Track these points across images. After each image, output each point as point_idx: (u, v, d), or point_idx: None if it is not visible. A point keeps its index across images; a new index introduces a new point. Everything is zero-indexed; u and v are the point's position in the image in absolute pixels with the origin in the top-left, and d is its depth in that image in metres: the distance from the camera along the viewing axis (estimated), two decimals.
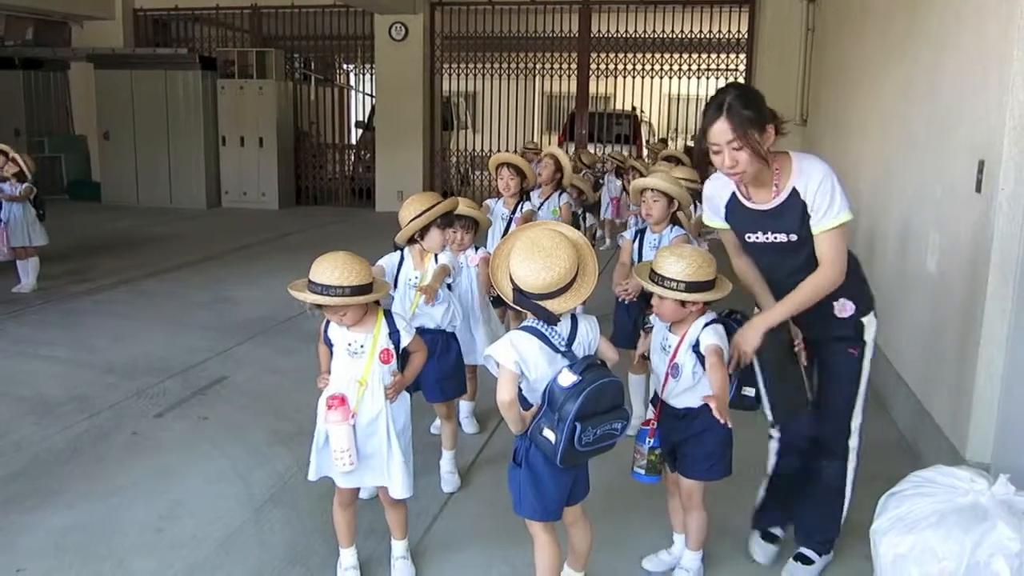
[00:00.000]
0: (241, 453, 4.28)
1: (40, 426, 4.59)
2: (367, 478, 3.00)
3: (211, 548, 3.40)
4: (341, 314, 2.84)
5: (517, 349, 2.55)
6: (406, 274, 3.75)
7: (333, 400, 2.86)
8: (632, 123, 15.62)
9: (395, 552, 3.20)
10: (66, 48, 14.13)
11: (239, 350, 5.97)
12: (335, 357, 2.95)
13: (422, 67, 13.21)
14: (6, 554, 3.34)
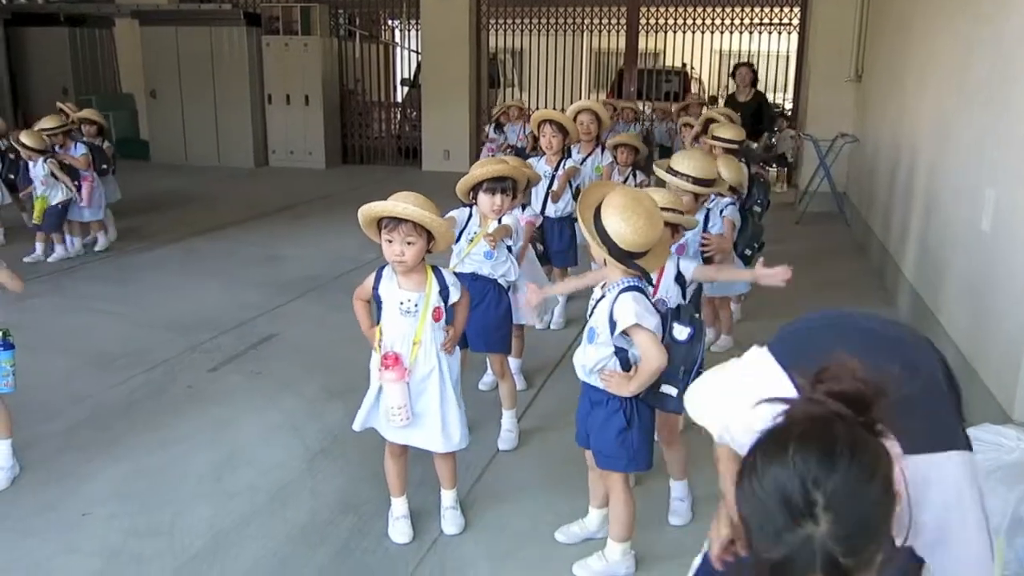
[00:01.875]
0: (294, 406, 4.45)
1: (99, 379, 4.80)
2: (415, 437, 3.10)
3: (266, 497, 3.58)
4: (404, 246, 2.87)
5: (649, 312, 2.68)
6: (471, 230, 3.92)
7: (387, 358, 2.95)
8: (682, 80, 15.45)
9: (444, 502, 3.34)
10: (110, 4, 14.35)
11: (290, 307, 6.14)
12: (385, 315, 3.03)
13: (468, 23, 13.18)
14: (71, 499, 3.54)
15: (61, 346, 5.26)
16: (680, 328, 2.74)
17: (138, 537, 3.28)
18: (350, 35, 14.73)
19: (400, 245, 2.88)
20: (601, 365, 2.81)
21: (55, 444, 3.99)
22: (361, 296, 3.14)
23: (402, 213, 2.85)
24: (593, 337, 2.83)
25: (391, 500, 3.30)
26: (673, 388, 2.73)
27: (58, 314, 5.92)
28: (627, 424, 2.81)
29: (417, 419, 3.04)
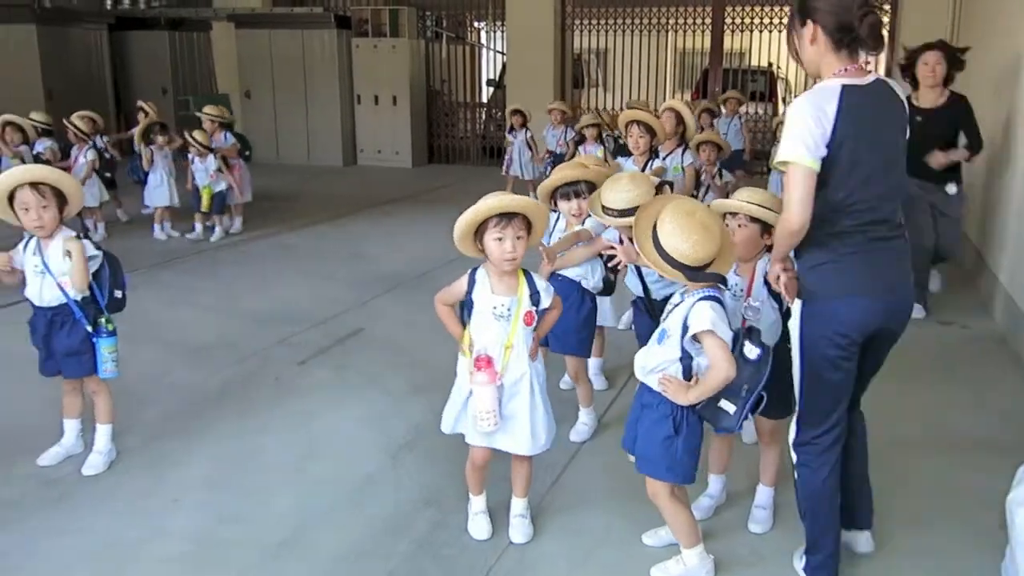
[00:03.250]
0: (378, 401, 4.50)
1: (192, 369, 4.94)
2: (499, 440, 3.08)
3: (350, 488, 3.62)
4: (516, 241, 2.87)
5: (724, 323, 2.65)
6: (557, 235, 3.96)
7: (480, 362, 2.93)
8: (768, 80, 15.12)
9: (514, 510, 3.30)
10: (207, 8, 14.80)
11: (376, 303, 6.22)
12: (477, 319, 3.01)
13: (553, 23, 13.16)
14: (163, 484, 3.65)
15: (159, 337, 5.43)
16: (751, 347, 2.69)
17: (225, 523, 3.36)
18: (437, 37, 14.88)
19: (511, 241, 2.87)
20: (662, 368, 2.76)
21: (150, 431, 4.12)
22: (446, 300, 3.10)
23: (516, 206, 2.85)
24: (663, 338, 2.78)
25: (470, 496, 3.30)
26: (731, 405, 2.68)
27: (156, 307, 6.11)
28: (674, 432, 2.77)
29: (505, 422, 3.02)
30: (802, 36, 2.61)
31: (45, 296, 3.57)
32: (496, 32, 15.93)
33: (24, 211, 3.45)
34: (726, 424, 2.72)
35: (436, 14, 14.94)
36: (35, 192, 3.44)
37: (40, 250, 3.55)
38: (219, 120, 8.35)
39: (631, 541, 3.20)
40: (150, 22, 14.80)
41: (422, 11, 14.33)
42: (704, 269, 2.66)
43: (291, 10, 14.21)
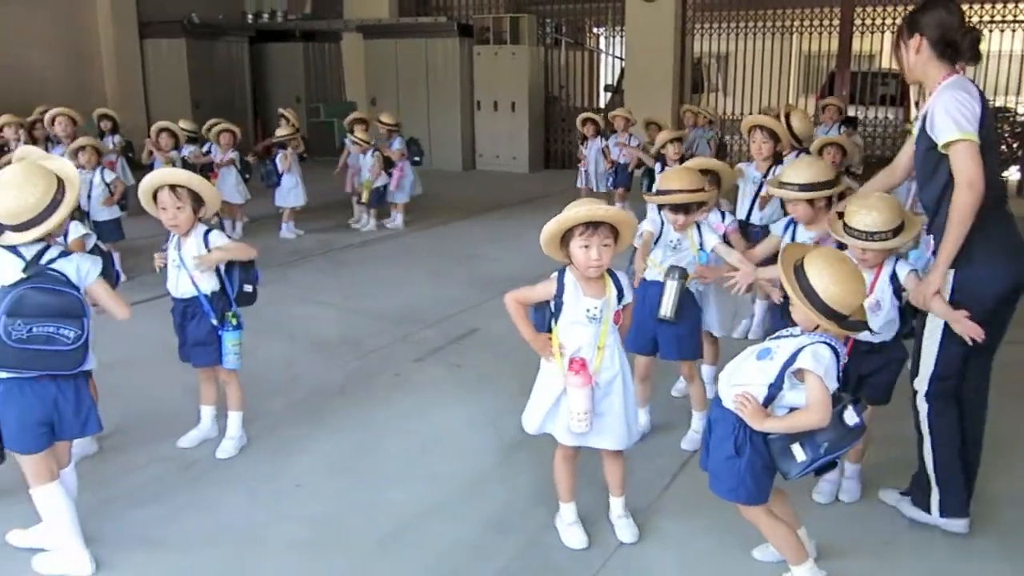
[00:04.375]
0: (491, 400, 4.53)
1: (316, 363, 5.11)
2: (594, 439, 3.06)
3: (462, 484, 3.66)
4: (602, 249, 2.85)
5: (833, 376, 2.59)
6: (667, 239, 3.89)
7: (575, 364, 2.92)
8: (899, 83, 14.48)
9: (614, 510, 3.27)
10: (338, 20, 15.29)
11: (491, 304, 6.26)
12: (566, 322, 2.98)
13: (673, 28, 12.98)
14: (288, 471, 3.79)
15: (286, 332, 5.63)
16: (852, 414, 2.60)
17: (343, 510, 3.45)
18: (556, 43, 14.91)
19: (597, 249, 2.86)
20: (747, 386, 2.69)
21: (276, 420, 4.29)
22: (524, 299, 3.07)
23: (603, 216, 2.83)
24: (765, 356, 2.71)
25: (560, 507, 3.26)
26: (803, 454, 2.60)
27: (283, 303, 6.34)
28: (735, 452, 2.69)
29: (599, 420, 3.00)
30: (908, 46, 3.04)
31: (180, 288, 3.78)
32: (615, 37, 15.85)
33: (162, 210, 3.67)
34: (786, 468, 2.64)
35: (556, 21, 14.99)
36: (172, 194, 3.64)
37: (179, 246, 3.76)
38: (389, 127, 9.21)
39: (741, 554, 3.11)
40: (286, 35, 15.42)
41: (542, 18, 14.39)
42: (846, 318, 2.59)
43: (416, 20, 14.53)
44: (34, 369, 2.79)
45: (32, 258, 2.83)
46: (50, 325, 2.74)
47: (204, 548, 3.19)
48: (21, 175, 2.83)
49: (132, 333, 2.98)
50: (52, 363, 2.79)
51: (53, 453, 2.98)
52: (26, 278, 2.76)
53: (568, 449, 3.14)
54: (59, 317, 2.75)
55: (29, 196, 2.79)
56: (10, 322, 2.69)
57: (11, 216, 2.79)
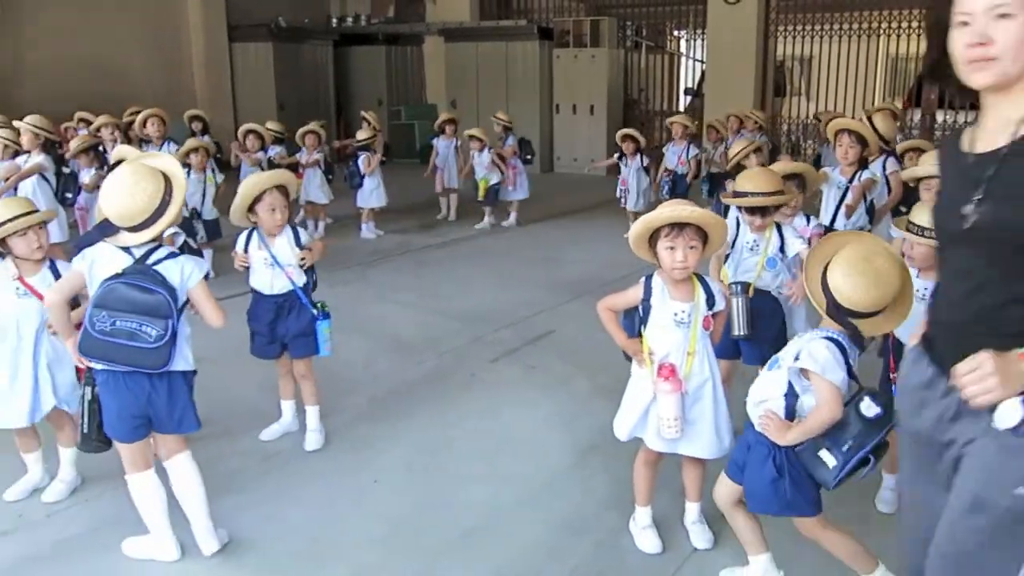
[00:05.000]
0: (566, 402, 4.53)
1: (395, 361, 5.19)
2: (684, 446, 3.02)
3: (537, 485, 3.67)
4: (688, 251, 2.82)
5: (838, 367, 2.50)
6: (744, 241, 3.80)
7: (664, 370, 2.89)
8: None
9: (689, 516, 3.24)
10: (420, 23, 15.50)
11: (567, 307, 6.27)
12: (654, 327, 2.96)
13: (756, 30, 12.77)
14: (366, 466, 3.86)
15: (365, 330, 5.72)
16: (870, 404, 2.47)
17: (419, 507, 3.50)
18: (636, 46, 14.83)
19: (683, 251, 2.83)
20: (765, 402, 2.64)
21: (355, 416, 4.37)
22: (614, 305, 3.07)
23: (688, 217, 2.80)
24: (773, 366, 2.67)
25: (636, 509, 3.25)
26: (832, 459, 2.49)
27: (363, 301, 6.46)
28: (778, 474, 2.62)
29: (689, 426, 2.96)
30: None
31: (276, 286, 3.87)
32: (696, 40, 15.67)
33: (271, 211, 3.76)
34: (822, 476, 2.53)
35: (636, 23, 14.90)
36: (282, 194, 3.77)
37: (266, 245, 3.85)
38: (504, 124, 9.56)
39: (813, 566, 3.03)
40: (369, 38, 15.69)
41: (623, 21, 14.33)
42: (852, 316, 2.47)
43: (497, 23, 14.62)
44: (117, 362, 2.84)
45: (140, 257, 2.88)
46: (134, 321, 2.76)
47: (284, 539, 3.27)
48: (130, 178, 2.85)
49: (211, 329, 3.05)
50: (134, 359, 2.81)
51: (149, 444, 3.06)
52: (121, 273, 2.82)
53: (652, 453, 3.12)
54: (144, 314, 2.77)
55: (140, 199, 2.82)
56: (96, 313, 2.77)
57: (123, 219, 2.83)
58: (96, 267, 2.88)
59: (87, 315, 2.81)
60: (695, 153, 8.64)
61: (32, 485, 3.59)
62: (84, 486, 3.61)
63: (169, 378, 2.94)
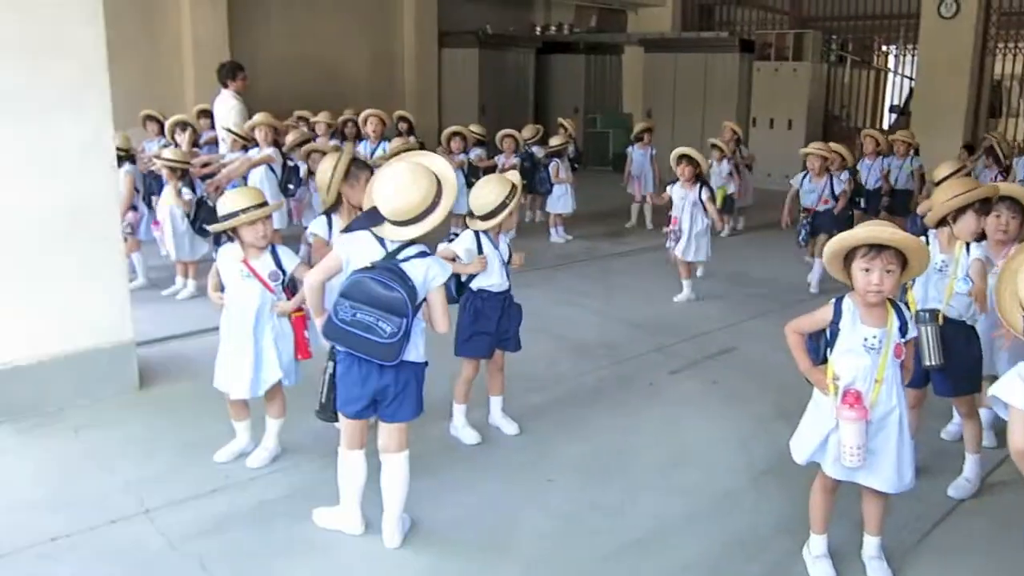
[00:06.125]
0: (745, 420, 4.43)
1: (577, 364, 5.25)
2: (862, 476, 2.89)
3: (709, 501, 3.62)
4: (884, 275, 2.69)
5: None
6: (933, 259, 3.53)
7: (848, 396, 2.77)
8: None
9: (867, 550, 3.08)
10: (621, 34, 15.50)
11: (749, 324, 6.11)
12: (842, 351, 2.83)
13: (972, 47, 11.87)
14: (542, 464, 3.93)
15: (549, 331, 5.81)
16: None
17: (591, 509, 3.53)
18: (840, 60, 14.16)
19: (879, 274, 2.71)
20: None
21: (535, 414, 4.45)
22: (802, 328, 2.97)
23: (888, 239, 2.68)
24: None
25: (810, 536, 3.12)
26: None
27: (549, 303, 6.56)
28: None
29: (871, 456, 2.83)
30: None
31: (505, 281, 4.07)
32: (906, 56, 14.76)
33: (511, 216, 3.94)
34: None
35: (842, 37, 14.23)
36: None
37: (494, 245, 4.01)
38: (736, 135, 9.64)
39: None
40: (571, 46, 15.87)
41: (828, 34, 13.73)
42: None
43: (698, 35, 14.41)
44: (354, 350, 3.00)
45: (392, 251, 3.00)
46: (372, 315, 2.89)
47: (460, 527, 3.39)
48: (408, 175, 2.93)
49: None
50: (369, 349, 2.95)
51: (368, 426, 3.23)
52: (370, 268, 2.96)
53: (830, 480, 3.00)
54: (382, 310, 2.89)
55: (414, 195, 2.90)
56: (340, 302, 2.94)
57: (394, 213, 2.95)
58: (352, 255, 3.04)
59: (333, 302, 2.98)
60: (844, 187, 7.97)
61: (239, 450, 3.91)
62: (284, 456, 3.90)
63: (400, 367, 3.04)
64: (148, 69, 10.66)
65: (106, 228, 4.54)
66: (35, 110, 4.18)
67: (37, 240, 4.28)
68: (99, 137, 4.42)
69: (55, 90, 4.23)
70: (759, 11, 14.95)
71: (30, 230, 4.25)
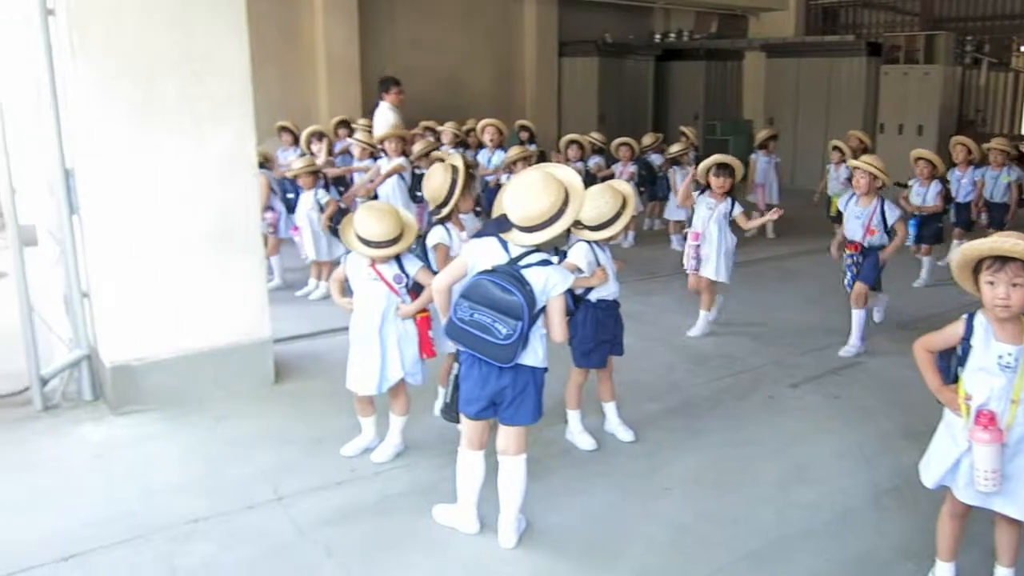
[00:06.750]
0: (868, 437, 4.27)
1: (694, 375, 5.18)
2: (997, 502, 2.74)
3: (828, 518, 3.50)
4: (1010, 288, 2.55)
5: None
6: None
7: (982, 418, 2.63)
8: None
9: None
10: (742, 39, 15.17)
11: (875, 338, 5.84)
12: (972, 368, 2.70)
13: None
14: (656, 473, 3.90)
15: (667, 339, 5.79)
16: None
17: (705, 521, 3.48)
18: (975, 63, 13.43)
19: (1005, 287, 2.56)
20: None
21: (652, 422, 4.42)
22: (933, 346, 2.83)
23: (1010, 250, 2.54)
24: None
25: (936, 563, 2.99)
26: None
27: (668, 311, 6.50)
28: None
29: (1007, 481, 2.67)
30: None
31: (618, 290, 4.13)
32: None
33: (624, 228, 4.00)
34: None
35: (977, 38, 13.50)
36: None
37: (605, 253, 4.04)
38: (863, 144, 9.17)
39: None
40: (690, 53, 15.66)
41: (962, 36, 13.05)
42: None
43: (823, 38, 13.97)
44: (470, 348, 3.07)
45: (515, 257, 3.06)
46: (489, 316, 2.96)
47: (574, 531, 3.41)
48: (540, 182, 3.00)
49: None
50: (485, 349, 3.01)
51: (488, 427, 3.28)
52: (491, 271, 3.03)
53: (960, 505, 2.86)
54: (499, 312, 2.95)
55: (543, 202, 2.97)
56: (460, 302, 3.02)
57: (522, 219, 3.02)
58: (477, 260, 3.11)
59: (454, 302, 3.06)
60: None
61: (365, 445, 4.05)
62: (407, 452, 4.02)
63: (518, 370, 3.09)
64: (284, 82, 11.17)
65: (248, 232, 4.78)
66: (189, 122, 4.46)
67: (186, 243, 4.56)
68: (243, 147, 4.67)
69: (206, 102, 4.48)
70: (887, 13, 14.36)
71: (180, 234, 4.54)
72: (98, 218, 4.35)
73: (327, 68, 11.62)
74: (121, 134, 4.29)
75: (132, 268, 4.44)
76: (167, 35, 4.34)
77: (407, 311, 3.79)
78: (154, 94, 4.34)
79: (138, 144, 4.34)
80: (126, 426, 4.34)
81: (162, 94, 4.36)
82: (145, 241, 4.44)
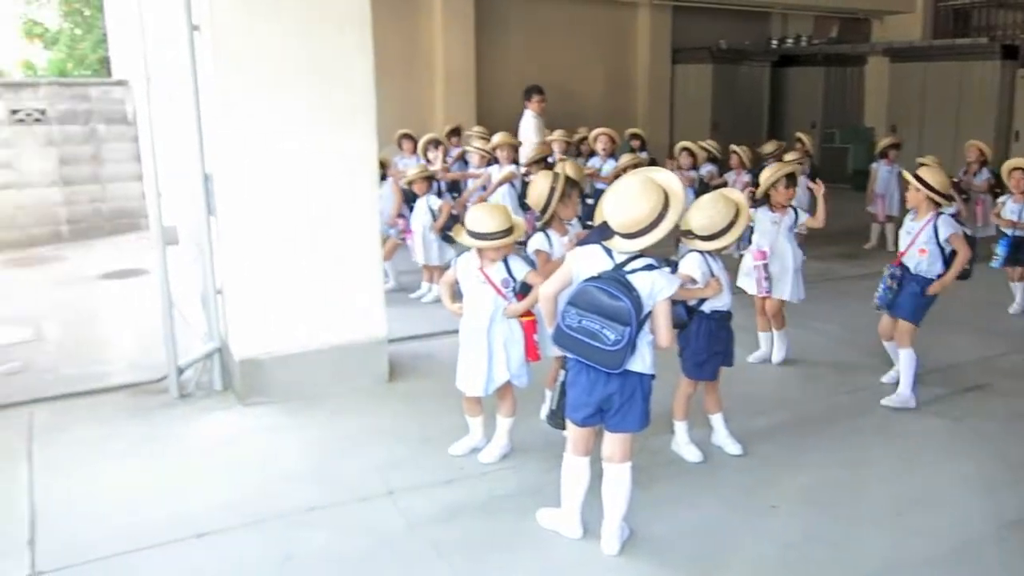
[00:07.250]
0: (994, 464, 4.05)
1: (805, 389, 5.04)
2: None
3: (948, 547, 3.35)
4: None
5: None
6: None
7: None
8: None
9: None
10: (864, 44, 14.58)
11: (1004, 360, 5.53)
12: None
13: None
14: (764, 489, 3.82)
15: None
16: None
17: (814, 541, 3.38)
18: None
19: None
20: None
21: (762, 437, 4.32)
22: None
23: None
24: None
25: None
26: None
27: None
28: None
29: None
30: None
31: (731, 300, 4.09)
32: None
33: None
34: None
35: None
36: None
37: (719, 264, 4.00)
38: (981, 157, 8.60)
39: None
40: (808, 59, 15.18)
41: None
42: None
43: (952, 42, 13.29)
44: (578, 355, 3.08)
45: (620, 263, 3.06)
46: (597, 322, 2.96)
47: (677, 541, 3.37)
48: (637, 188, 3.01)
49: None
50: (593, 356, 3.02)
51: (594, 434, 3.28)
52: (597, 277, 3.04)
53: None
54: (607, 318, 2.95)
55: (643, 208, 2.96)
56: (568, 309, 3.04)
57: (622, 226, 3.02)
58: (581, 267, 3.13)
59: (561, 310, 3.08)
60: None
61: (473, 445, 4.12)
62: (513, 454, 4.06)
63: (625, 377, 3.09)
64: (404, 93, 11.46)
65: (368, 236, 4.95)
66: (317, 131, 4.66)
67: (312, 245, 4.75)
68: (366, 156, 4.84)
69: (332, 112, 4.67)
70: None
71: (307, 237, 4.74)
72: (233, 220, 4.59)
73: (444, 80, 11.87)
74: (255, 142, 4.52)
75: (262, 268, 4.67)
76: (299, 50, 4.55)
77: (513, 310, 3.84)
78: (286, 105, 4.56)
79: (271, 151, 4.56)
80: (251, 416, 4.57)
81: (293, 105, 4.57)
82: (275, 243, 4.67)
